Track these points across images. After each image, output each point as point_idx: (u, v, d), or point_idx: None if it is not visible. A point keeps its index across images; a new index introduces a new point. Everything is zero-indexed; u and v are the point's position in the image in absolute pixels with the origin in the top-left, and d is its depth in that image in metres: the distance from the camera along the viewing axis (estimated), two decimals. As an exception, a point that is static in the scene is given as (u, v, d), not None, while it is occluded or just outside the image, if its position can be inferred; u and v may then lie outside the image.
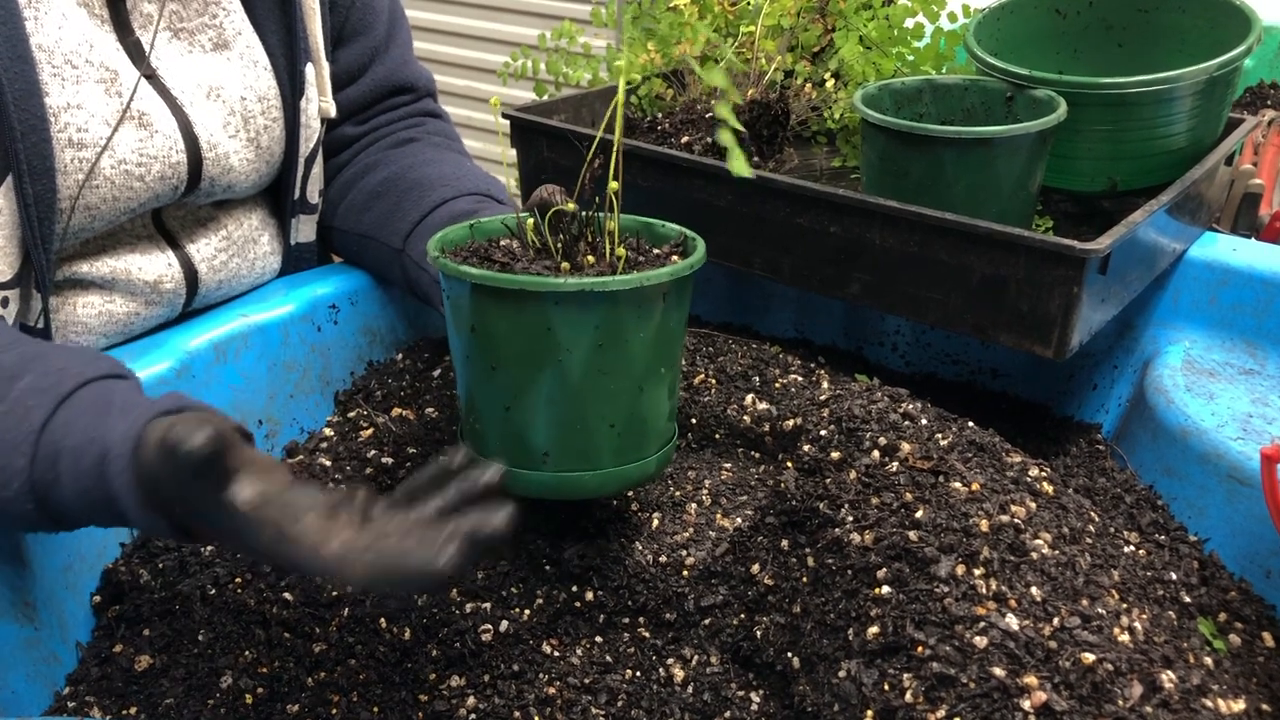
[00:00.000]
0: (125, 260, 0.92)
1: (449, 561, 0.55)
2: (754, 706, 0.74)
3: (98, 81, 0.85)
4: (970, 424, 0.83)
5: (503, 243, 0.78)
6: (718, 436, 0.95)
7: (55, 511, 0.66)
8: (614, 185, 0.74)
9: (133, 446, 0.62)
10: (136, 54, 0.89)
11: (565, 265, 0.73)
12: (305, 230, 1.08)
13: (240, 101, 0.95)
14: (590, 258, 0.73)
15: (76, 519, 0.67)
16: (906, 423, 0.81)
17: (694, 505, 0.86)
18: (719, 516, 0.85)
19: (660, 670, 0.76)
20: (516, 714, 0.72)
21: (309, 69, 1.00)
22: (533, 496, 0.77)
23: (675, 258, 0.77)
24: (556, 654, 0.76)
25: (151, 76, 0.90)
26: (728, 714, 0.73)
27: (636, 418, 0.74)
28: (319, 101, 1.03)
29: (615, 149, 0.73)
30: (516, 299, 0.69)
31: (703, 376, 1.00)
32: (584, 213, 0.76)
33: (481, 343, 0.72)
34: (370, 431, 0.95)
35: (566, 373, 0.70)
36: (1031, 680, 0.60)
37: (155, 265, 0.93)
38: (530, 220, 0.76)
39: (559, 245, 0.75)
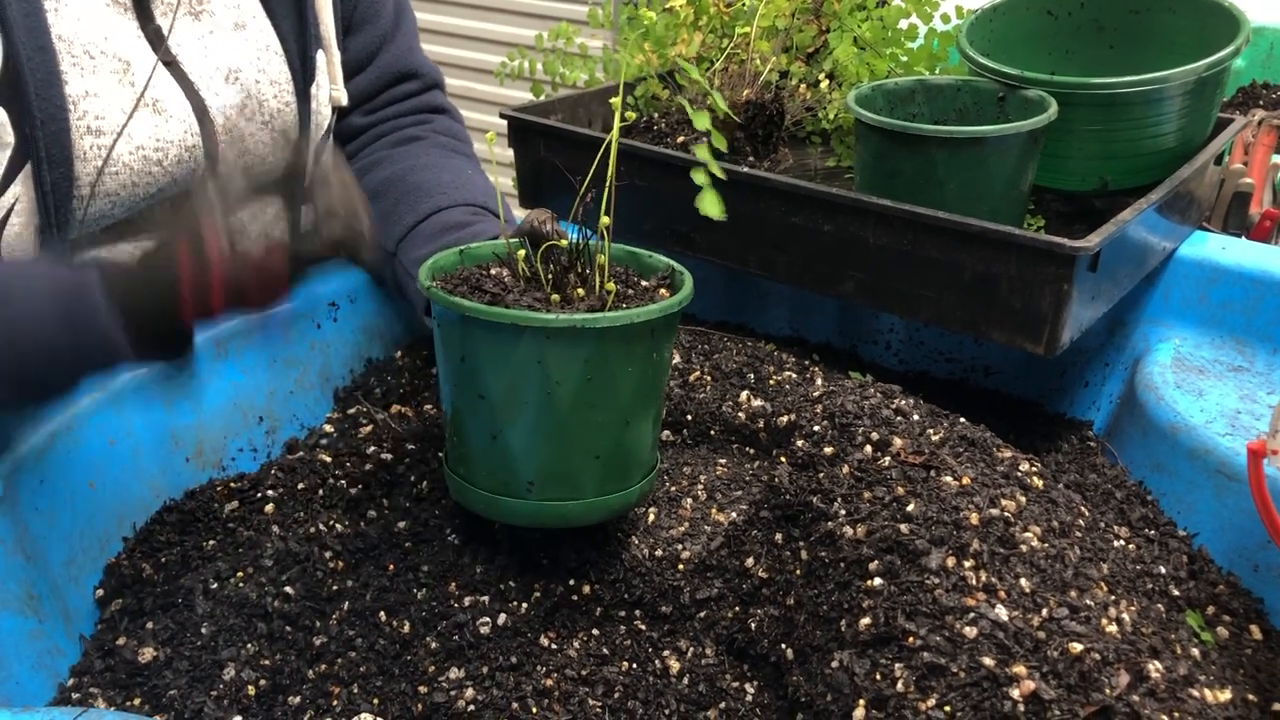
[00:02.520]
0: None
1: None
2: (748, 697, 0.75)
3: (112, 71, 0.87)
4: (961, 419, 0.84)
5: (493, 271, 0.78)
6: (713, 432, 0.96)
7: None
8: (605, 220, 0.74)
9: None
10: (157, 40, 0.91)
11: (556, 298, 0.73)
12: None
13: (255, 85, 0.97)
14: (580, 290, 0.74)
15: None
16: (898, 418, 0.82)
17: (689, 500, 0.87)
18: (714, 511, 0.86)
19: (656, 662, 0.77)
20: (514, 705, 0.72)
21: (320, 56, 1.02)
22: (517, 524, 0.79)
23: (663, 291, 0.78)
24: (554, 646, 0.77)
25: (171, 63, 0.92)
26: (723, 705, 0.74)
27: (621, 449, 0.75)
28: (330, 89, 1.04)
29: (608, 185, 0.74)
30: (507, 332, 0.69)
31: (698, 374, 1.01)
32: (575, 243, 0.76)
33: (471, 372, 0.72)
34: (370, 428, 0.96)
35: (554, 405, 0.71)
36: (1020, 669, 0.61)
37: None
38: (521, 251, 0.77)
39: (549, 277, 0.76)
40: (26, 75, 0.80)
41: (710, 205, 0.70)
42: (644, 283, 0.79)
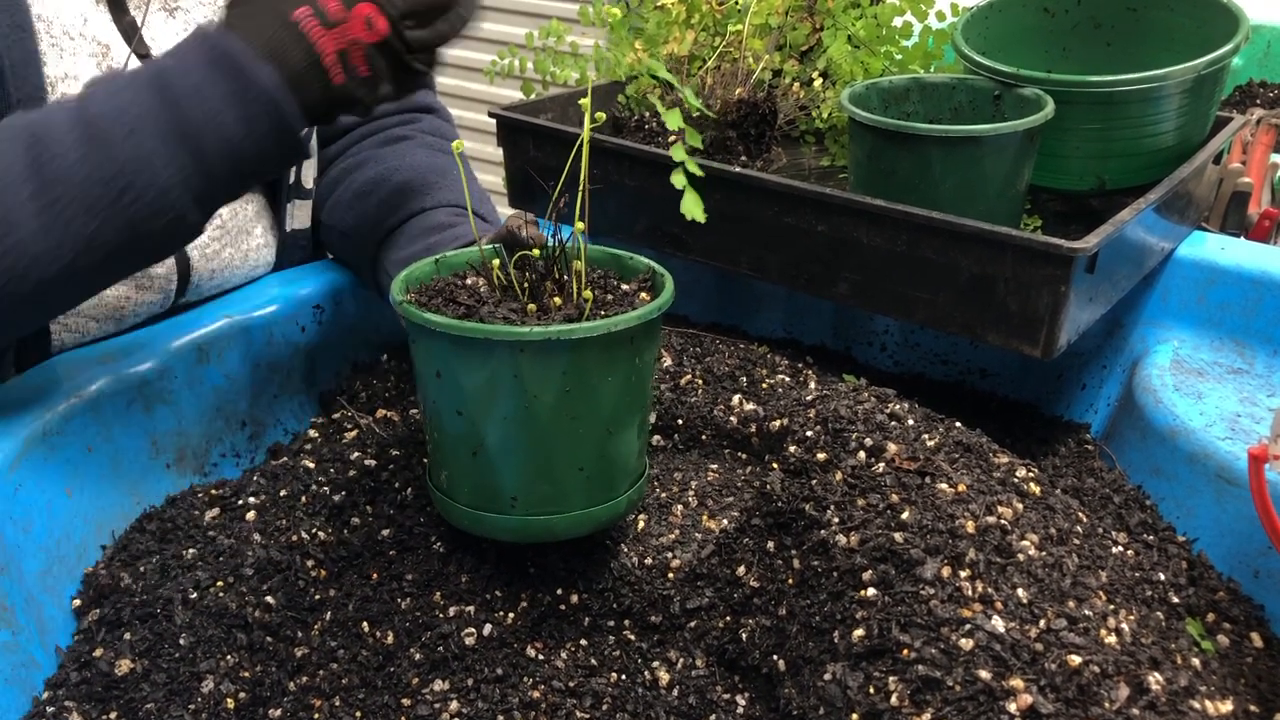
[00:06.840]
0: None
1: None
2: (739, 710, 0.73)
3: (90, 54, 0.86)
4: (957, 424, 0.82)
5: (469, 281, 0.76)
6: (704, 437, 0.95)
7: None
8: (580, 225, 0.73)
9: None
10: (130, 33, 0.90)
11: (531, 307, 0.72)
12: (300, 216, 1.08)
13: None
14: (557, 299, 0.72)
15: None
16: (893, 423, 0.81)
17: (680, 507, 0.86)
18: (705, 518, 0.84)
19: (645, 673, 0.76)
20: (500, 718, 0.71)
21: None
22: (501, 540, 0.77)
23: (644, 295, 0.76)
24: (541, 657, 0.76)
25: (145, 56, 0.91)
26: (713, 717, 0.73)
27: (606, 459, 0.73)
28: None
29: (581, 188, 0.72)
30: (481, 347, 0.68)
31: (690, 377, 0.99)
32: (550, 249, 0.74)
33: (448, 387, 0.71)
34: (354, 433, 0.95)
35: (534, 418, 0.69)
36: (1017, 683, 0.60)
37: None
38: (496, 260, 0.75)
39: (525, 285, 0.74)
40: (3, 55, 0.79)
41: (692, 207, 0.70)
42: (624, 286, 0.77)
